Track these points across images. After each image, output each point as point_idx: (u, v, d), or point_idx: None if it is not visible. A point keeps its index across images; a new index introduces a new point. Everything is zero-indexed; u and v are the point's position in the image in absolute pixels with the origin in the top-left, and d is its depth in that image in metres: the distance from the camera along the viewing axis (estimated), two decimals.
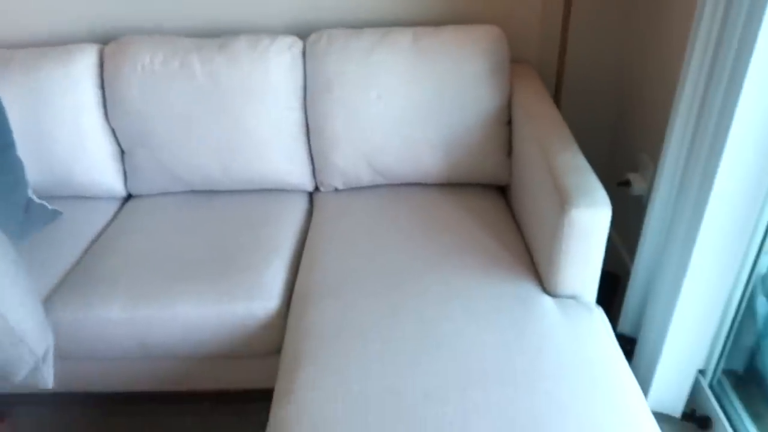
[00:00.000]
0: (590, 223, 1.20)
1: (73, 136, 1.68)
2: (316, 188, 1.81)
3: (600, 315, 1.25)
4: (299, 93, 1.68)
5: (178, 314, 1.39)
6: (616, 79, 1.92)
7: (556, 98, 1.86)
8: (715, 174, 1.18)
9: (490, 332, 1.19)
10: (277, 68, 1.63)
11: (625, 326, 1.59)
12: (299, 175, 1.74)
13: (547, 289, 1.31)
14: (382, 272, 1.38)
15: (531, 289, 1.30)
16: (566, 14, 1.71)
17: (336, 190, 1.77)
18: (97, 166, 1.73)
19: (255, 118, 1.64)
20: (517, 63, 1.83)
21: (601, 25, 1.83)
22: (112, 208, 1.79)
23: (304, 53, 1.68)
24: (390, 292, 1.31)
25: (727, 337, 1.41)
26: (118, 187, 1.79)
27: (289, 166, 1.72)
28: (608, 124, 1.99)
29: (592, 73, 1.90)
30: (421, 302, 1.28)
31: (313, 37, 1.67)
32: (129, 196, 1.84)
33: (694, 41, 1.21)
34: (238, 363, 1.51)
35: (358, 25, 1.77)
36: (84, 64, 1.68)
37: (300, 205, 1.74)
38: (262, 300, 1.40)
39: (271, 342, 1.42)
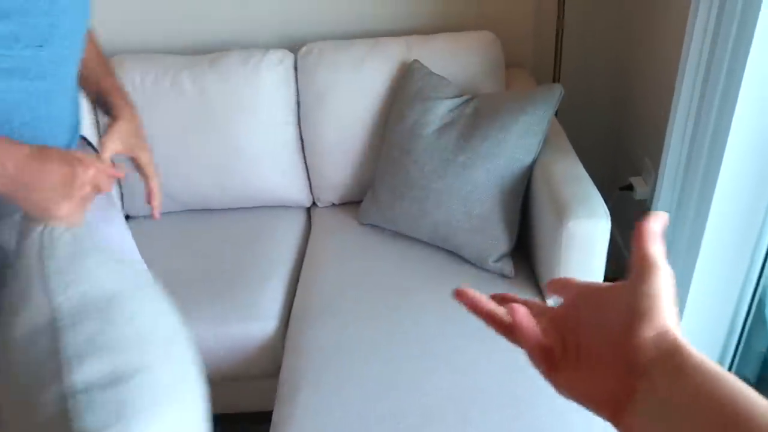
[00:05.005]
0: (589, 234, 1.16)
1: None
2: (314, 203, 1.78)
3: None
4: (293, 107, 1.66)
5: None
6: (615, 82, 1.88)
7: None
8: (716, 177, 1.14)
9: (489, 350, 1.15)
10: (269, 83, 1.61)
11: None
12: (296, 190, 1.72)
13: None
14: (380, 289, 1.35)
15: None
16: (560, 17, 1.68)
17: (333, 204, 1.75)
18: None
19: (249, 133, 1.63)
20: (512, 68, 1.80)
21: (596, 27, 1.80)
22: None
23: (295, 67, 1.66)
24: (388, 310, 1.29)
25: (738, 344, 1.37)
26: None
27: (284, 181, 1.70)
28: (610, 127, 1.96)
29: (589, 76, 1.86)
30: (419, 319, 1.25)
31: (303, 50, 1.65)
32: (126, 217, 1.83)
33: (689, 41, 1.18)
34: (237, 385, 1.49)
35: (349, 37, 1.75)
36: None
37: (298, 221, 1.72)
38: (260, 321, 1.38)
39: (270, 363, 1.39)
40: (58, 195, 0.69)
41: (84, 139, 0.92)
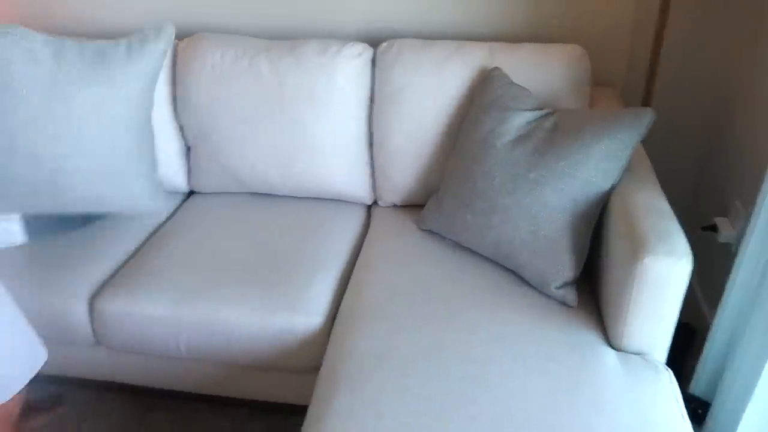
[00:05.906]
0: (666, 273, 1.07)
1: None
2: (375, 202, 1.75)
3: (669, 377, 1.11)
4: (365, 103, 1.63)
5: (220, 318, 1.37)
6: (710, 111, 1.74)
7: None
8: None
9: (539, 381, 1.08)
10: (345, 75, 1.59)
11: (698, 387, 1.43)
12: (358, 187, 1.69)
13: (611, 342, 1.19)
14: (433, 299, 1.30)
15: (593, 339, 1.18)
16: (659, 35, 1.57)
17: (394, 205, 1.71)
18: (164, 161, 1.74)
19: (318, 124, 1.61)
20: (600, 87, 1.70)
21: (698, 50, 1.67)
22: (174, 203, 1.80)
23: (373, 62, 1.63)
24: (439, 323, 1.23)
25: None
26: (181, 183, 1.81)
27: (348, 176, 1.67)
28: (697, 161, 1.82)
29: (682, 102, 1.73)
30: (469, 338, 1.19)
31: (383, 45, 1.62)
32: (191, 192, 1.85)
33: None
34: (278, 375, 1.47)
35: (432, 37, 1.70)
36: None
37: (357, 218, 1.69)
38: (305, 315, 1.35)
39: (311, 359, 1.37)
40: None
41: None
